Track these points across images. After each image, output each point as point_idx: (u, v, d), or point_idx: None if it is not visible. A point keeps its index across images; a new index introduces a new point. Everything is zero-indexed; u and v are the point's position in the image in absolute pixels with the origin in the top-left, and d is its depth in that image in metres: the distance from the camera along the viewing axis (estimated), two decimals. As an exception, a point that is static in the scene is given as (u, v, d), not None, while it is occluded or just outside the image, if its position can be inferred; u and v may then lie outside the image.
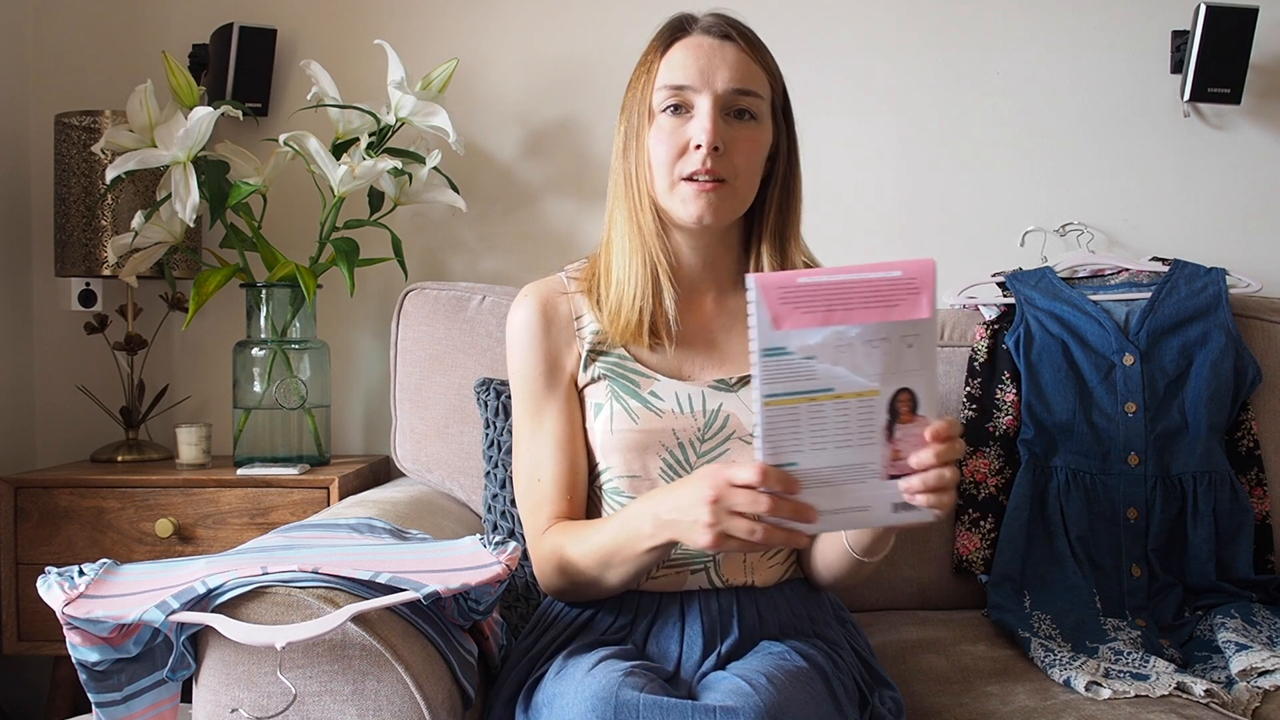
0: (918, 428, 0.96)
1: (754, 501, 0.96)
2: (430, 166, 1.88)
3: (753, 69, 1.18)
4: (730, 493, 0.98)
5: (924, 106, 2.06)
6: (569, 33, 2.07)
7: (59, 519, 1.77)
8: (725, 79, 1.15)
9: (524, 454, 1.27)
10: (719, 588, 1.21)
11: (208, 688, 1.02)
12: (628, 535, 1.11)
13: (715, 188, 1.15)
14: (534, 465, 1.26)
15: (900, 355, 0.94)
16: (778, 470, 0.96)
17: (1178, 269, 1.73)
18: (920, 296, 0.94)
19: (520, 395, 1.28)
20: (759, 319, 0.92)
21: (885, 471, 0.97)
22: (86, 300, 2.00)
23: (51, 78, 2.11)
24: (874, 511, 0.99)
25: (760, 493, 0.96)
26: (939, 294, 1.88)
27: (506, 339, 1.30)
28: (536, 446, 1.26)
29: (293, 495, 1.77)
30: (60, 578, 1.03)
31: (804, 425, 0.94)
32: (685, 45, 1.18)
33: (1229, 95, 1.95)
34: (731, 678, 1.03)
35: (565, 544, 1.18)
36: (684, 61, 1.17)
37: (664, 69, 1.18)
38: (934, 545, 1.68)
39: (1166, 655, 1.46)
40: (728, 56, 1.16)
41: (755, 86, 1.17)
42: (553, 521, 1.23)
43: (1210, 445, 1.62)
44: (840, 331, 0.93)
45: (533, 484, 1.26)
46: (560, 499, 1.24)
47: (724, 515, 0.98)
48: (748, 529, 0.97)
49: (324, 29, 2.09)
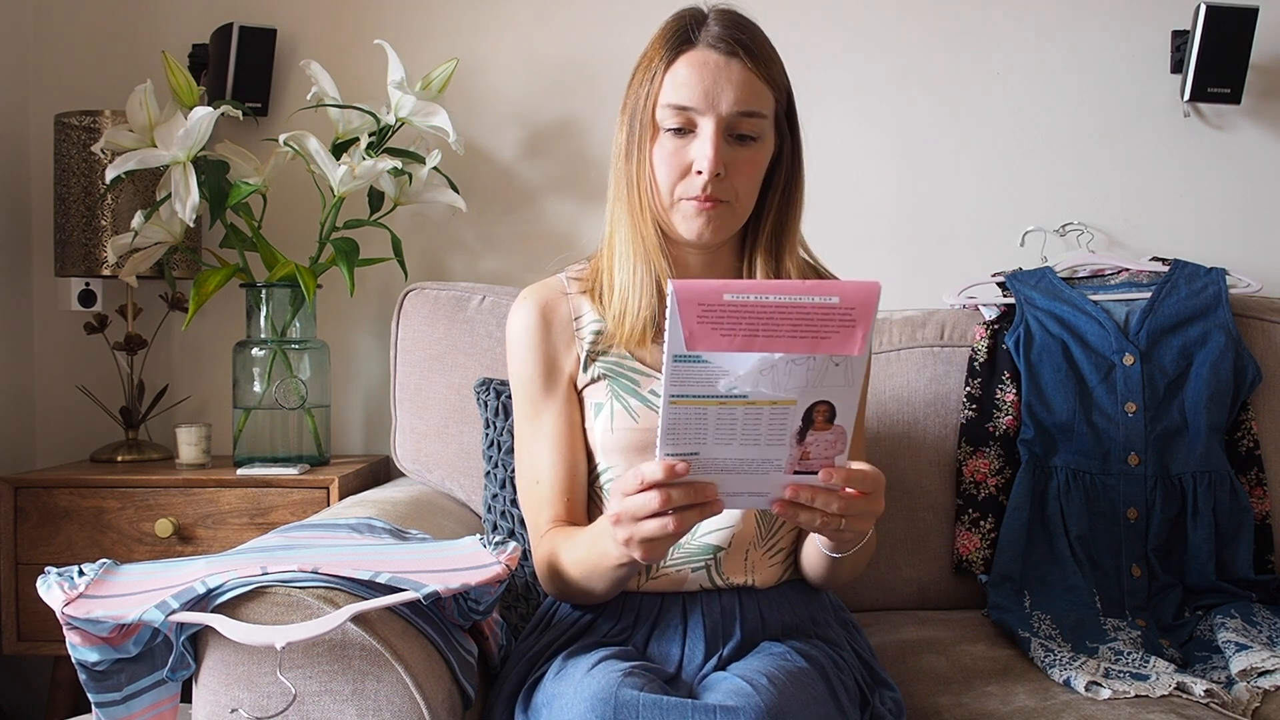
0: (832, 435, 0.92)
1: (647, 504, 0.95)
2: (430, 166, 1.88)
3: (757, 87, 1.16)
4: (627, 505, 0.97)
5: (924, 106, 2.06)
6: (569, 33, 2.07)
7: (59, 519, 1.77)
8: (730, 101, 1.14)
9: (524, 456, 1.28)
10: (720, 588, 1.21)
11: (207, 688, 1.02)
12: (598, 553, 1.11)
13: (715, 207, 1.16)
14: (533, 467, 1.26)
15: (825, 372, 0.88)
16: (667, 462, 0.92)
17: (1178, 269, 1.73)
18: (855, 331, 0.85)
19: (520, 397, 1.28)
20: (672, 333, 0.85)
21: (789, 468, 0.94)
22: (86, 300, 2.00)
23: (51, 78, 2.11)
24: (771, 497, 0.96)
25: (652, 492, 0.94)
26: (939, 295, 1.90)
27: (506, 341, 1.30)
28: (536, 448, 1.26)
29: (293, 495, 1.77)
30: (60, 578, 1.03)
31: (710, 423, 0.90)
32: (691, 62, 1.16)
33: (1229, 95, 1.94)
34: (732, 678, 1.03)
35: (557, 551, 1.19)
36: (689, 80, 1.15)
37: (669, 85, 1.16)
38: (934, 545, 1.68)
39: (1166, 655, 1.46)
40: (733, 76, 1.14)
41: (759, 107, 1.16)
42: (552, 524, 1.24)
43: (1210, 445, 1.62)
44: (762, 358, 0.86)
45: (532, 485, 1.26)
46: (558, 500, 1.24)
47: (632, 526, 0.97)
48: (659, 526, 0.96)
49: (324, 29, 2.09)
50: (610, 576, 1.12)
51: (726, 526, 1.21)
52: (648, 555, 0.99)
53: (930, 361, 1.72)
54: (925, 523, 1.68)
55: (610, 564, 1.10)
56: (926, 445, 1.70)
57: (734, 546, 1.21)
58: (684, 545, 1.21)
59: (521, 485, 1.29)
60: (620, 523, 0.98)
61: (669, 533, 0.96)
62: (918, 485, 1.68)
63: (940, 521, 1.68)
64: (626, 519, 0.97)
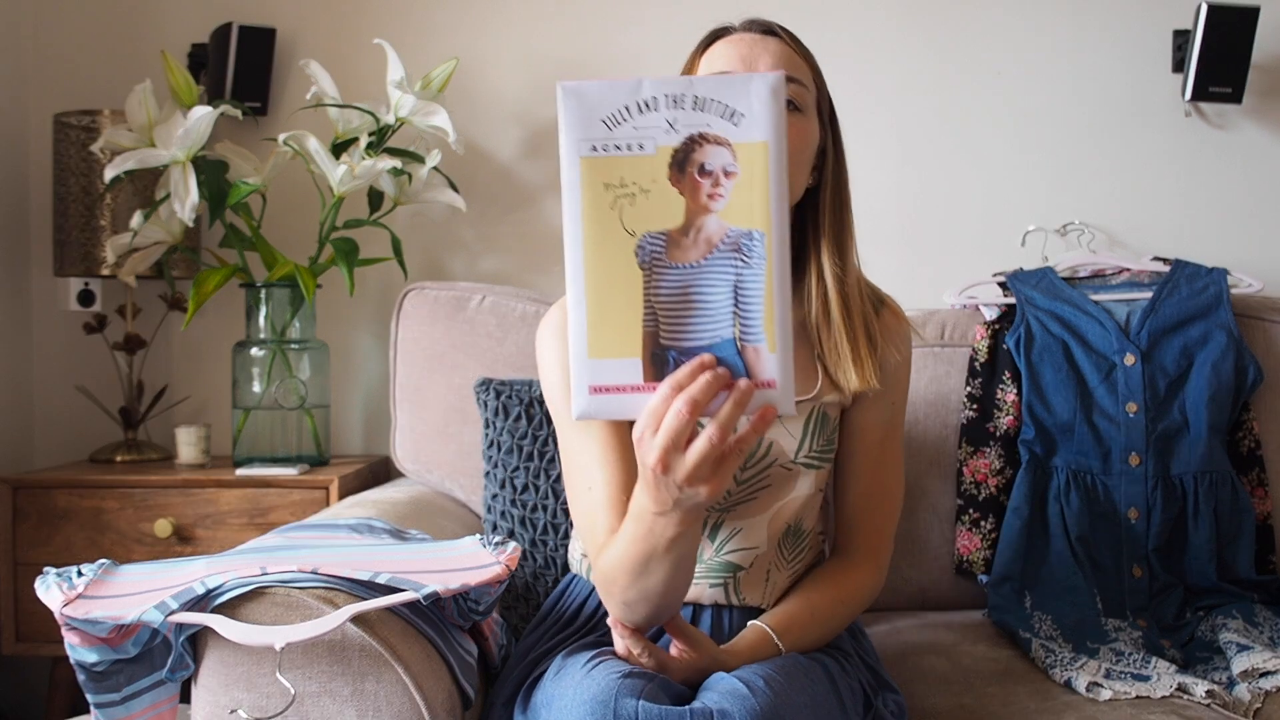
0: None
1: (679, 419, 0.82)
2: (430, 166, 1.88)
3: (796, 60, 1.14)
4: (663, 438, 0.84)
5: (924, 107, 2.06)
6: (569, 33, 2.07)
7: (58, 519, 1.77)
8: (768, 65, 1.11)
9: (572, 468, 1.16)
10: (734, 605, 1.19)
11: (207, 688, 1.02)
12: (645, 529, 0.97)
13: None
14: (583, 473, 1.14)
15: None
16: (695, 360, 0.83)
17: (1179, 269, 1.72)
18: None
19: (560, 410, 1.19)
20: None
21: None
22: (85, 300, 2.00)
23: (51, 77, 2.10)
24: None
25: (676, 400, 0.82)
26: (940, 294, 1.90)
27: (537, 356, 1.23)
28: (583, 454, 1.15)
29: (292, 495, 1.77)
30: (59, 578, 1.03)
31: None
32: (728, 41, 1.15)
33: (1230, 95, 1.94)
34: (730, 679, 1.02)
35: (607, 557, 1.06)
36: (725, 53, 1.13)
37: (704, 64, 1.15)
38: (934, 546, 1.68)
39: (1168, 656, 1.46)
40: (770, 47, 1.13)
41: (800, 75, 1.13)
42: (608, 535, 1.09)
43: (1211, 445, 1.62)
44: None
45: (584, 494, 1.14)
46: (616, 503, 1.10)
47: (679, 457, 0.85)
48: (706, 443, 0.84)
49: (324, 29, 2.09)
50: (669, 556, 0.98)
51: (750, 547, 1.18)
52: (714, 491, 0.87)
53: (931, 361, 1.72)
54: (925, 523, 1.68)
55: (668, 536, 0.95)
56: (927, 445, 1.69)
57: (755, 566, 1.19)
58: (704, 560, 1.18)
59: (574, 500, 1.16)
60: (668, 468, 0.85)
61: (715, 446, 0.84)
62: (918, 485, 1.68)
63: (940, 522, 1.68)
64: (672, 452, 0.85)
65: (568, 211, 0.83)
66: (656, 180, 0.83)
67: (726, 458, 0.86)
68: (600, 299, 0.83)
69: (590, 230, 0.83)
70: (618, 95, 0.83)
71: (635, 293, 0.83)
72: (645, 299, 0.84)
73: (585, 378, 0.84)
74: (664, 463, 0.85)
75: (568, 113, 0.83)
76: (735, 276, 0.83)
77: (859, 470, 1.24)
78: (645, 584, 1.01)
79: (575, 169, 0.83)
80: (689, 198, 0.83)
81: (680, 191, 0.83)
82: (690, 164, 0.83)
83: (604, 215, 0.83)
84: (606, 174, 0.83)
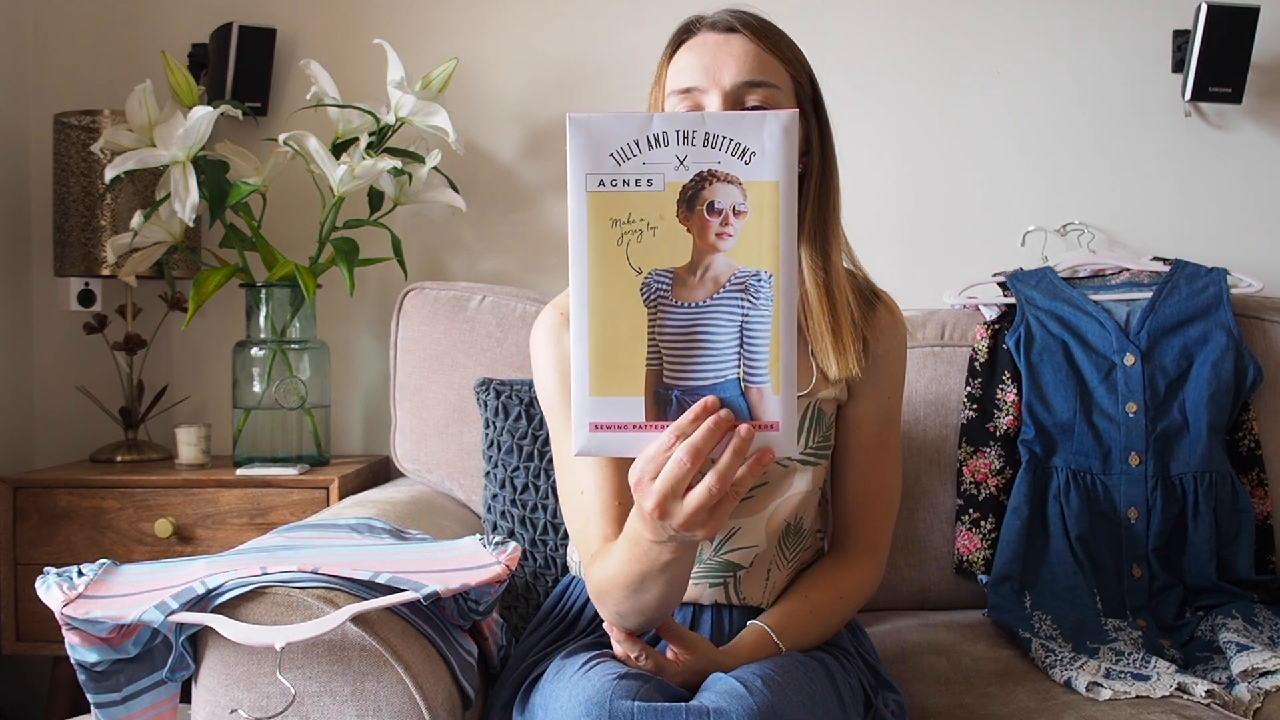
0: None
1: (680, 466, 0.82)
2: (430, 166, 1.88)
3: (763, 58, 1.11)
4: (662, 484, 0.84)
5: (924, 107, 2.05)
6: (569, 33, 2.07)
7: (58, 519, 1.77)
8: (733, 72, 1.09)
9: (565, 472, 1.16)
10: (734, 604, 1.19)
11: (207, 688, 1.02)
12: (640, 553, 0.97)
13: None
14: (575, 476, 1.14)
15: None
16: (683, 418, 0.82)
17: (1178, 269, 1.72)
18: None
19: (553, 413, 1.18)
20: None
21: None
22: (86, 300, 2.00)
23: (51, 77, 2.10)
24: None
25: (676, 448, 0.82)
26: (939, 295, 1.90)
27: (531, 356, 1.23)
28: (579, 459, 1.13)
29: (292, 495, 1.77)
30: (59, 578, 1.03)
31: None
32: (690, 46, 1.13)
33: (1230, 95, 1.94)
34: (728, 678, 1.02)
35: (600, 568, 1.06)
36: (689, 63, 1.12)
37: (671, 74, 1.13)
38: (934, 545, 1.68)
39: (1167, 656, 1.46)
40: (734, 49, 1.11)
41: (768, 76, 1.11)
42: (603, 543, 1.10)
43: (1211, 445, 1.62)
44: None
45: (576, 497, 1.14)
46: (609, 509, 1.11)
47: (679, 504, 0.85)
48: (704, 493, 0.84)
49: (324, 29, 2.09)
50: (663, 576, 0.97)
51: (749, 546, 1.18)
52: (710, 532, 0.87)
53: (930, 361, 1.72)
54: (925, 523, 1.68)
55: (663, 561, 0.95)
56: (927, 445, 1.69)
57: (755, 566, 1.18)
58: (703, 560, 1.18)
59: (566, 504, 1.16)
60: (665, 514, 0.85)
61: (714, 495, 0.83)
62: (918, 485, 1.68)
63: (940, 522, 1.68)
64: (671, 499, 0.85)
65: (573, 246, 0.82)
66: (665, 217, 0.82)
67: (724, 502, 0.85)
68: (604, 336, 0.83)
69: (596, 266, 0.82)
70: (627, 129, 0.82)
71: (640, 330, 0.83)
72: (650, 337, 0.83)
73: (587, 414, 0.83)
74: (661, 509, 0.85)
75: (576, 146, 0.82)
76: (741, 317, 0.82)
77: (856, 466, 1.23)
78: (639, 600, 1.01)
79: (582, 203, 0.82)
80: (697, 236, 0.82)
81: (688, 229, 0.82)
82: (699, 201, 0.82)
83: (610, 251, 0.82)
84: (614, 209, 0.82)
